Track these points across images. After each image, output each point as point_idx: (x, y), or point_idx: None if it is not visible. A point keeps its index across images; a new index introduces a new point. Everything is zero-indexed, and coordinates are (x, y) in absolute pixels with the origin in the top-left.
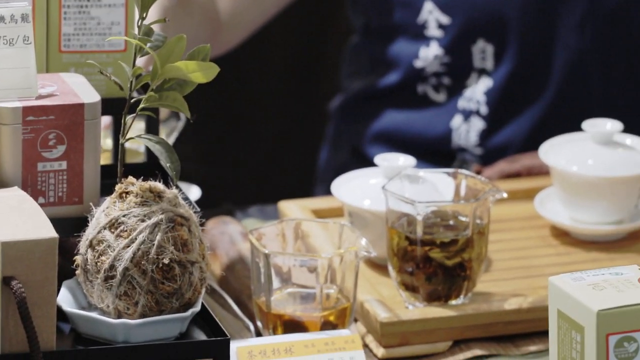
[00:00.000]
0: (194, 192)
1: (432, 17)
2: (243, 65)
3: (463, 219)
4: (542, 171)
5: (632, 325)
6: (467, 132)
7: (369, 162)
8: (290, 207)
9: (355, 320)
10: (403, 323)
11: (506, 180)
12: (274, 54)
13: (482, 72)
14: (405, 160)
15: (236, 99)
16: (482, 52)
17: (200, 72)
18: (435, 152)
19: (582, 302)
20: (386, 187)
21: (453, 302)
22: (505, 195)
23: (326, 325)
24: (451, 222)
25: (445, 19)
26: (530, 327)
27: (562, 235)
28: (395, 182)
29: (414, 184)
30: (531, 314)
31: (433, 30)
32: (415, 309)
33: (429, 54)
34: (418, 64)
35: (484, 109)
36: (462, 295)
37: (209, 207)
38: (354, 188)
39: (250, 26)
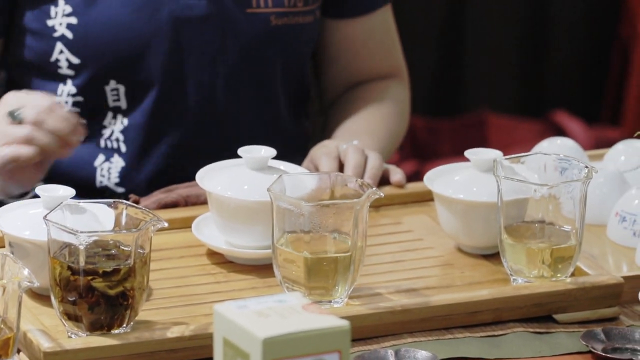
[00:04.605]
0: None
1: (63, 56)
2: None
3: (125, 248)
4: (199, 200)
5: (297, 351)
6: (108, 171)
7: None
8: None
9: (19, 351)
10: (66, 352)
11: (164, 209)
12: None
13: (117, 110)
14: (65, 191)
15: None
16: (115, 91)
17: None
18: (85, 191)
19: (248, 330)
20: (48, 217)
21: (116, 331)
22: (166, 224)
23: None
24: (113, 252)
25: (75, 60)
26: (193, 355)
27: (221, 263)
28: (57, 212)
29: (74, 214)
30: (193, 342)
31: (65, 70)
32: (78, 339)
33: (64, 92)
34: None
35: (123, 148)
36: (124, 324)
37: None
38: (14, 218)
39: None
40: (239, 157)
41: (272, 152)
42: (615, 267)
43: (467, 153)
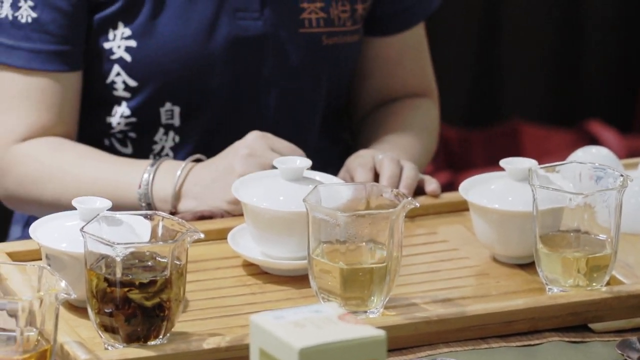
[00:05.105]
0: None
1: (119, 79)
2: None
3: (161, 259)
4: (234, 213)
5: None
6: None
7: None
8: None
9: None
10: None
11: (200, 220)
12: None
13: (170, 127)
14: (102, 203)
15: None
16: (170, 112)
17: None
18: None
19: (284, 340)
20: (84, 229)
21: (152, 342)
22: (202, 235)
23: None
24: (150, 263)
25: (132, 82)
26: None
27: (257, 274)
28: (93, 224)
29: (111, 226)
30: (230, 353)
31: (121, 92)
32: (114, 350)
33: (118, 113)
34: (106, 120)
35: None
36: (161, 336)
37: None
38: (51, 230)
39: None
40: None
41: (308, 162)
42: None
43: (502, 162)
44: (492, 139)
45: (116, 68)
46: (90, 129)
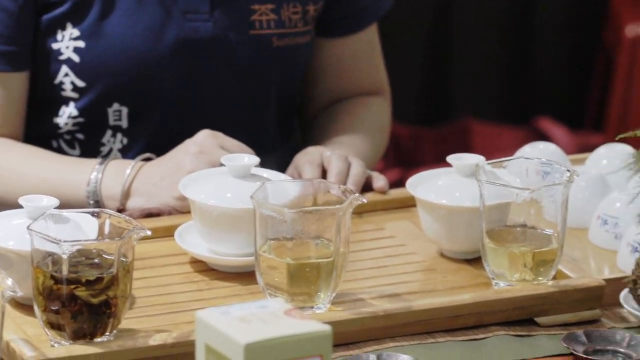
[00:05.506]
0: None
1: (67, 79)
2: None
3: (108, 257)
4: (183, 209)
5: (279, 356)
6: None
7: None
8: None
9: None
10: None
11: (147, 218)
12: None
13: (117, 129)
14: (49, 201)
15: None
16: (117, 112)
17: None
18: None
19: (230, 336)
20: (31, 227)
21: (98, 339)
22: (149, 232)
23: None
24: (96, 261)
25: (80, 83)
26: None
27: (204, 271)
28: (40, 222)
29: (58, 224)
30: (176, 349)
31: (69, 92)
32: (61, 347)
33: (66, 114)
34: (54, 120)
35: None
36: (107, 333)
37: None
38: None
39: None
40: None
41: (256, 160)
42: (596, 270)
43: (450, 158)
44: (443, 137)
45: (64, 69)
46: (38, 129)
